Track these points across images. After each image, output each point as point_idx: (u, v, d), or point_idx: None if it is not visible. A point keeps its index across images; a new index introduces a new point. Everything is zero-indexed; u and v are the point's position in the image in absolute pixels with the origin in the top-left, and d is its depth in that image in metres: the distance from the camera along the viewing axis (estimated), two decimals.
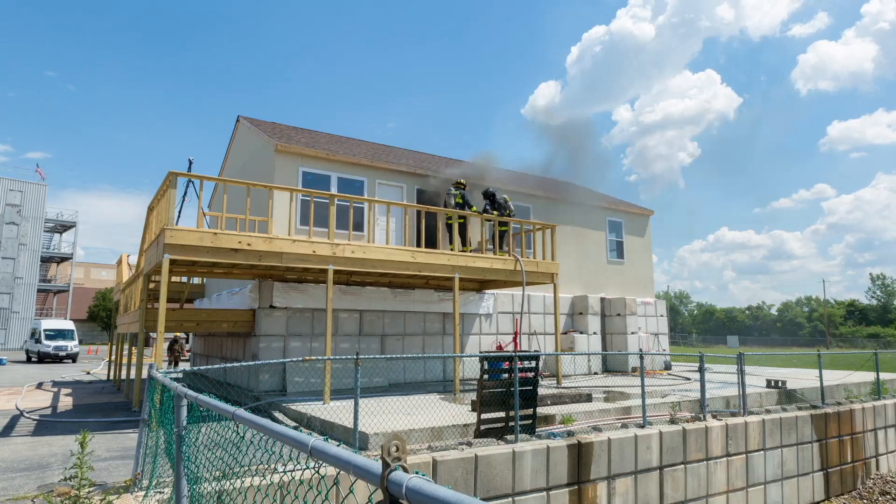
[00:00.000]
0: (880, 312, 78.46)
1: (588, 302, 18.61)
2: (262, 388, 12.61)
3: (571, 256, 19.15)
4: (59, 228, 58.37)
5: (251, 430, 2.58)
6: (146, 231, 12.92)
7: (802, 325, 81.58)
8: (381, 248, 11.90)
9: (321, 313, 13.65)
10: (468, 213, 14.22)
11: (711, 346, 69.91)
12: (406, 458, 1.12)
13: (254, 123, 17.34)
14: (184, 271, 13.62)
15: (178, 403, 3.39)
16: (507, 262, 13.81)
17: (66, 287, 56.76)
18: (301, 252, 10.83)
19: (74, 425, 10.09)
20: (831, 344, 67.13)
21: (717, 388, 13.25)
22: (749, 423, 10.85)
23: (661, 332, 20.59)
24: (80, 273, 70.89)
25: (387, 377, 14.11)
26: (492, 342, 16.55)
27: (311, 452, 1.45)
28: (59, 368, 26.20)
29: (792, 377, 15.76)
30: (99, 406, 12.69)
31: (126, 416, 11.02)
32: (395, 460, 1.10)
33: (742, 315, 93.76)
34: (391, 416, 8.98)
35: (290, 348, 13.33)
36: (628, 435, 9.15)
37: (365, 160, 15.62)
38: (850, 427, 12.94)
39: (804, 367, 22.21)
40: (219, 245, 9.99)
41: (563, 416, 9.61)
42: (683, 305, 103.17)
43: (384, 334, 14.68)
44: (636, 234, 21.92)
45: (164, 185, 10.49)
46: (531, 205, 18.82)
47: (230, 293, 15.70)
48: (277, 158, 14.30)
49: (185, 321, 13.04)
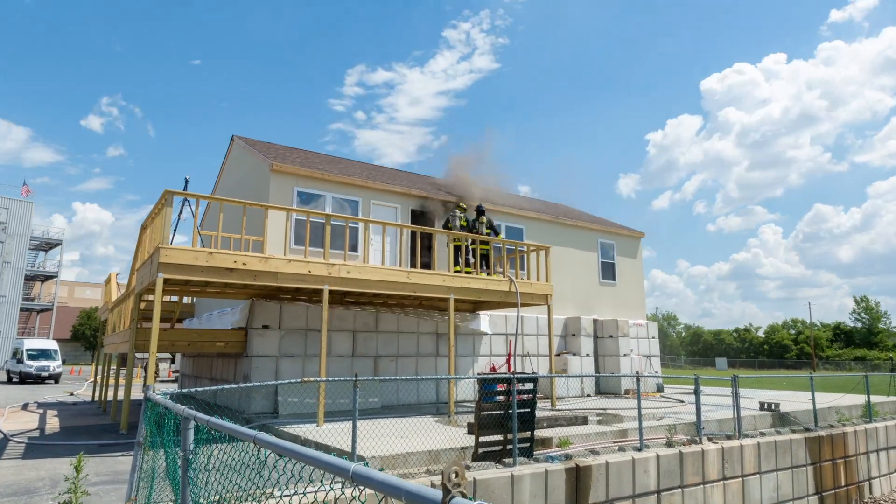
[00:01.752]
0: (865, 335, 79.26)
1: (581, 323, 18.64)
2: (253, 410, 12.41)
3: (564, 278, 19.21)
4: (45, 246, 57.60)
5: (266, 452, 2.53)
6: (139, 249, 12.80)
7: (789, 348, 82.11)
8: (376, 269, 11.87)
9: (314, 333, 13.53)
10: (469, 235, 14.23)
11: (700, 368, 70.07)
12: (464, 485, 1.11)
13: (248, 143, 17.35)
14: (176, 290, 13.47)
15: (186, 426, 3.33)
16: (501, 283, 13.82)
17: (50, 306, 55.80)
18: (296, 272, 10.77)
19: (61, 448, 9.85)
20: (818, 366, 67.57)
21: (710, 411, 13.24)
22: (745, 446, 10.84)
23: (652, 354, 20.61)
24: (65, 291, 69.82)
25: (380, 399, 13.96)
26: (486, 364, 16.47)
27: (352, 478, 1.43)
28: (41, 389, 25.63)
29: (784, 400, 15.81)
30: (85, 428, 12.40)
31: (114, 438, 10.77)
32: (454, 486, 1.08)
33: (730, 337, 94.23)
34: (387, 439, 8.86)
35: (282, 369, 13.17)
36: (626, 458, 9.10)
37: (360, 180, 15.66)
38: (843, 450, 12.97)
39: (794, 389, 22.31)
40: (214, 264, 9.91)
41: (560, 438, 9.54)
42: (671, 327, 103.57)
43: (377, 355, 14.56)
44: (628, 255, 22.08)
45: (160, 203, 10.42)
46: (525, 226, 18.93)
47: (221, 313, 15.53)
48: (272, 178, 14.30)
49: (178, 341, 12.85)
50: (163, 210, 10.02)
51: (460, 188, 17.86)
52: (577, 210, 24.91)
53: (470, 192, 17.56)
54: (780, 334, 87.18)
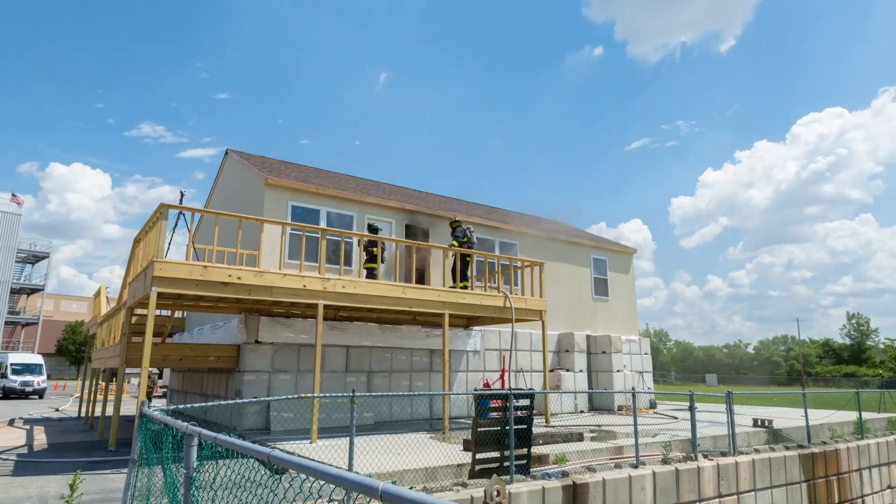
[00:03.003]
0: (854, 352, 79.88)
1: (574, 339, 18.64)
2: (245, 427, 12.25)
3: (557, 293, 19.25)
4: (32, 259, 56.91)
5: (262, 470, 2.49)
6: (131, 263, 12.69)
7: (780, 364, 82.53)
8: (371, 284, 11.83)
9: (307, 349, 13.43)
10: (462, 250, 14.25)
11: (691, 385, 70.12)
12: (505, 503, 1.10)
13: (243, 157, 17.34)
14: (169, 304, 13.35)
15: (189, 443, 3.28)
16: (496, 298, 13.81)
17: (36, 319, 54.98)
18: (291, 286, 10.71)
19: (49, 465, 9.65)
20: (808, 383, 67.92)
21: (704, 427, 13.23)
22: (740, 463, 10.83)
23: (645, 370, 20.63)
24: (50, 305, 68.86)
25: (374, 414, 13.84)
26: (479, 379, 16.40)
27: (381, 497, 1.41)
28: (25, 405, 25.16)
29: (776, 416, 15.84)
30: (72, 445, 12.16)
31: (103, 455, 10.57)
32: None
33: (720, 353, 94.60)
34: (383, 456, 8.77)
35: (274, 384, 13.03)
36: (622, 475, 9.06)
37: (354, 195, 15.67)
38: (836, 467, 12.99)
39: (786, 405, 22.38)
40: (208, 278, 9.84)
41: (556, 455, 9.49)
42: (662, 343, 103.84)
43: (371, 371, 14.46)
44: (620, 271, 22.18)
45: (155, 216, 10.36)
46: (518, 242, 18.98)
47: (213, 327, 15.38)
48: (267, 192, 14.27)
49: (170, 356, 12.70)
50: (158, 223, 9.95)
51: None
52: (570, 226, 25.04)
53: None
54: (771, 350, 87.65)
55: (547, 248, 19.56)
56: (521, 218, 21.73)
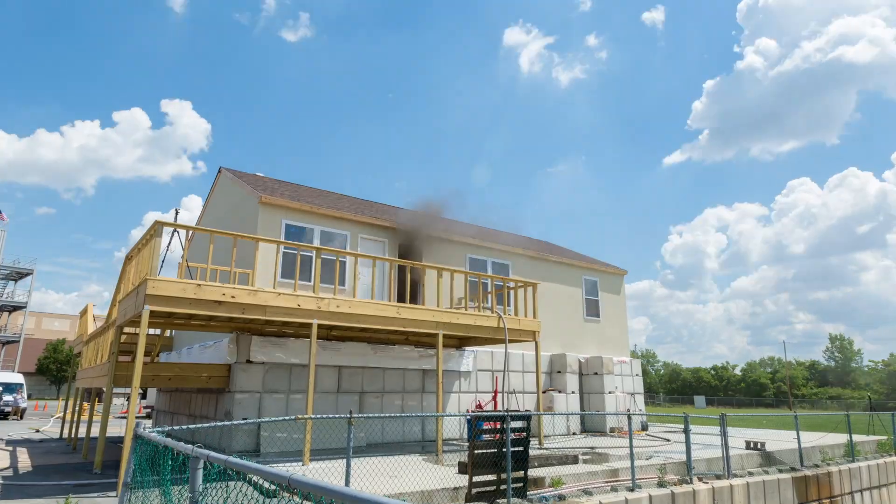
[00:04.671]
0: (839, 374, 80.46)
1: (567, 360, 18.60)
2: (234, 448, 12.02)
3: (549, 314, 19.26)
4: (14, 276, 55.96)
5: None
6: (121, 281, 12.52)
7: (767, 386, 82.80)
8: (366, 303, 11.78)
9: (299, 369, 13.28)
10: (453, 269, 14.25)
11: (679, 406, 70.13)
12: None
13: (237, 175, 17.32)
14: (160, 323, 13.16)
15: (195, 466, 3.22)
16: (490, 318, 13.79)
17: (17, 337, 53.88)
18: (286, 305, 10.63)
19: (34, 489, 9.38)
20: (795, 405, 68.17)
21: (698, 450, 13.17)
22: (734, 486, 10.81)
23: (636, 392, 20.60)
24: (31, 323, 67.59)
25: (366, 436, 13.66)
26: (471, 400, 16.29)
27: None
28: (4, 426, 24.52)
29: (768, 439, 15.84)
30: (56, 467, 11.85)
31: (89, 478, 10.30)
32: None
33: (707, 375, 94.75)
34: (378, 479, 8.64)
35: (265, 405, 12.84)
36: (619, 498, 8.99)
37: (348, 214, 15.67)
38: (829, 490, 13.00)
39: (776, 427, 22.42)
40: (202, 297, 9.73)
41: (552, 478, 9.40)
42: (650, 365, 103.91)
43: (363, 391, 14.31)
44: (611, 292, 22.27)
45: (149, 234, 10.25)
46: (511, 262, 19.04)
47: (202, 346, 15.18)
48: (261, 210, 14.23)
49: (159, 375, 12.49)
50: (151, 241, 9.86)
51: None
52: (561, 247, 25.19)
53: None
54: (758, 373, 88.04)
55: (539, 268, 19.62)
56: (513, 238, 21.81)
